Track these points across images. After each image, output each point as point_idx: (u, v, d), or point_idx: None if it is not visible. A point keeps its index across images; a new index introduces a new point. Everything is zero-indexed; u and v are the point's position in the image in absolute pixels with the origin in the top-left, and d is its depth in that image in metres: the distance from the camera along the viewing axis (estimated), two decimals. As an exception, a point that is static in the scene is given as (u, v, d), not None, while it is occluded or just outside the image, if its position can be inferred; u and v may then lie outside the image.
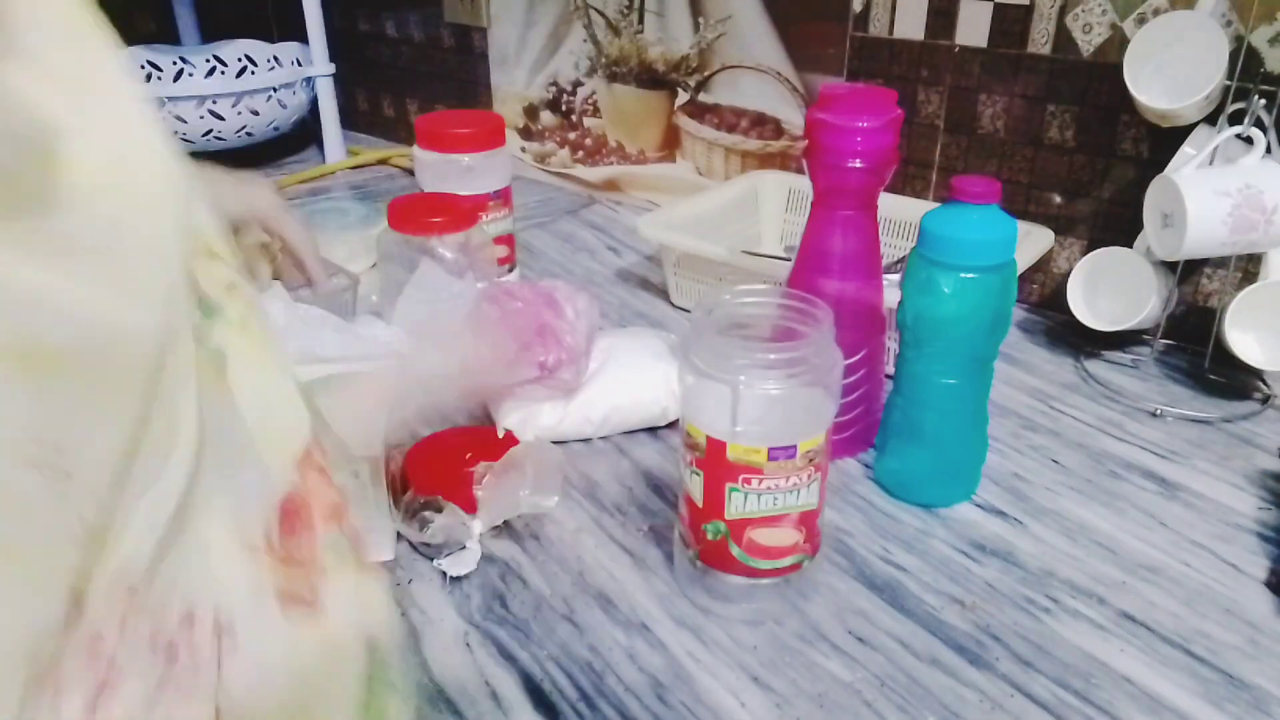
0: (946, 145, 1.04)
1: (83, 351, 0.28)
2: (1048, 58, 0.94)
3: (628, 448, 0.76)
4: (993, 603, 0.60)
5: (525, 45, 1.41)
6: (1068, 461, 0.74)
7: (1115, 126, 0.91)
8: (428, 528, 0.62)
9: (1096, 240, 0.95)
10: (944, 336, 0.64)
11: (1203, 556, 0.64)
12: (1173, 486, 0.71)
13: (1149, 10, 0.87)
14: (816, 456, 0.55)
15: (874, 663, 0.55)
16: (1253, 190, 0.75)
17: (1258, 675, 0.54)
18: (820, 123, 0.67)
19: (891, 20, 1.04)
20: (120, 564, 0.29)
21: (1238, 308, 0.79)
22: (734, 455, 0.54)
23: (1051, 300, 1.00)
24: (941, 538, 0.66)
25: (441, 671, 0.54)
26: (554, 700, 0.53)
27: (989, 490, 0.71)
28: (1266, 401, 0.83)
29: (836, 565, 0.63)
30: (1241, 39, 0.80)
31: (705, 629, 0.58)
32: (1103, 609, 0.59)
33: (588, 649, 0.56)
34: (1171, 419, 0.80)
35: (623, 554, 0.64)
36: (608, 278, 1.10)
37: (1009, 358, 0.90)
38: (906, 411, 0.68)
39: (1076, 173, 0.95)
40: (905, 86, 1.04)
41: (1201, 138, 0.84)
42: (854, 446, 0.75)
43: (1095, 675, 0.54)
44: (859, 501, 0.70)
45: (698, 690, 0.53)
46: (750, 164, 1.21)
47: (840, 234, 0.70)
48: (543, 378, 0.73)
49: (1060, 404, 0.83)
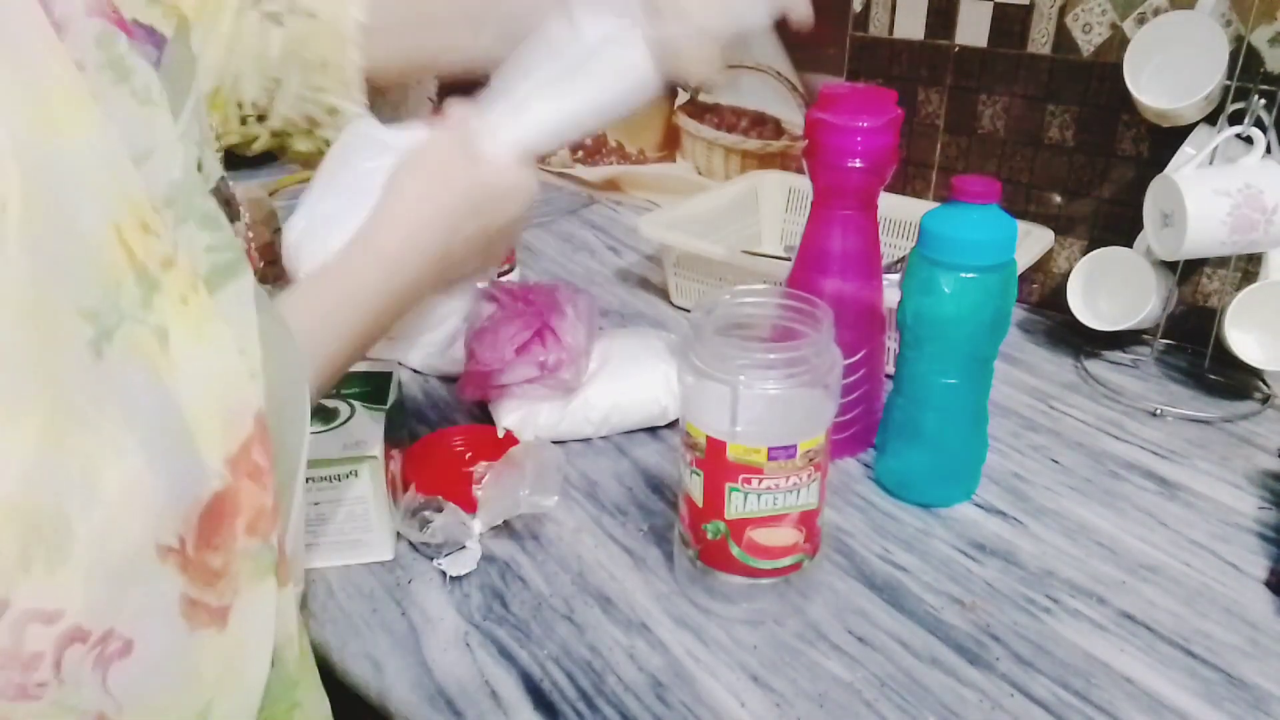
0: (946, 145, 1.04)
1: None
2: (1048, 58, 0.94)
3: (628, 448, 0.76)
4: (993, 602, 0.60)
5: (525, 45, 1.41)
6: (1068, 461, 0.74)
7: (1115, 126, 0.91)
8: (428, 527, 0.62)
9: (1096, 240, 0.95)
10: (944, 336, 0.64)
11: (1203, 556, 0.64)
12: (1173, 486, 0.71)
13: (1149, 10, 0.87)
14: (816, 456, 0.55)
15: (874, 662, 0.55)
16: (1253, 190, 0.75)
17: (1258, 675, 0.54)
18: (820, 123, 0.67)
19: (891, 20, 1.04)
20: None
21: (1238, 308, 0.79)
22: (734, 455, 0.54)
23: (1051, 300, 0.99)
24: (941, 537, 0.66)
25: (441, 671, 0.54)
26: (554, 700, 0.53)
27: (989, 490, 0.71)
28: (1266, 401, 0.82)
29: (836, 565, 0.63)
30: (1241, 39, 0.80)
31: (705, 629, 0.58)
32: (1103, 609, 0.59)
33: (587, 649, 0.56)
34: (1171, 419, 0.80)
35: (623, 554, 0.64)
36: (608, 277, 1.10)
37: (1009, 358, 0.90)
38: (907, 411, 0.68)
39: (1076, 173, 0.95)
40: (905, 86, 1.04)
41: (1201, 138, 0.84)
42: (854, 446, 0.75)
43: (1095, 675, 0.54)
44: (859, 501, 0.70)
45: (698, 690, 0.53)
46: (750, 164, 1.21)
47: (840, 234, 0.70)
48: (543, 377, 0.73)
49: (1060, 404, 0.83)
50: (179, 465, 0.33)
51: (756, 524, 0.56)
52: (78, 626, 0.30)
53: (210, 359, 0.35)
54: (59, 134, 0.31)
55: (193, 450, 0.34)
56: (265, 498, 0.36)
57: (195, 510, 0.33)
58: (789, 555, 0.57)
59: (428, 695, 0.53)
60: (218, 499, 0.34)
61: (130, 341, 0.32)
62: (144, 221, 0.34)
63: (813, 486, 0.56)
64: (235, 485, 0.34)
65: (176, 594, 0.33)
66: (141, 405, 0.32)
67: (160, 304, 0.34)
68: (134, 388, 0.32)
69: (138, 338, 0.33)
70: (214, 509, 0.34)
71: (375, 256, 0.51)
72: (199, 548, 0.33)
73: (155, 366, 0.33)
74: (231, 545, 0.34)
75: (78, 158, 0.32)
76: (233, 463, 0.35)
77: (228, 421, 0.35)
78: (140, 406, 0.32)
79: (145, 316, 0.33)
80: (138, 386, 0.32)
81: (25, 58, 0.31)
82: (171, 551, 0.33)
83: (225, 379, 0.35)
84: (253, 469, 0.35)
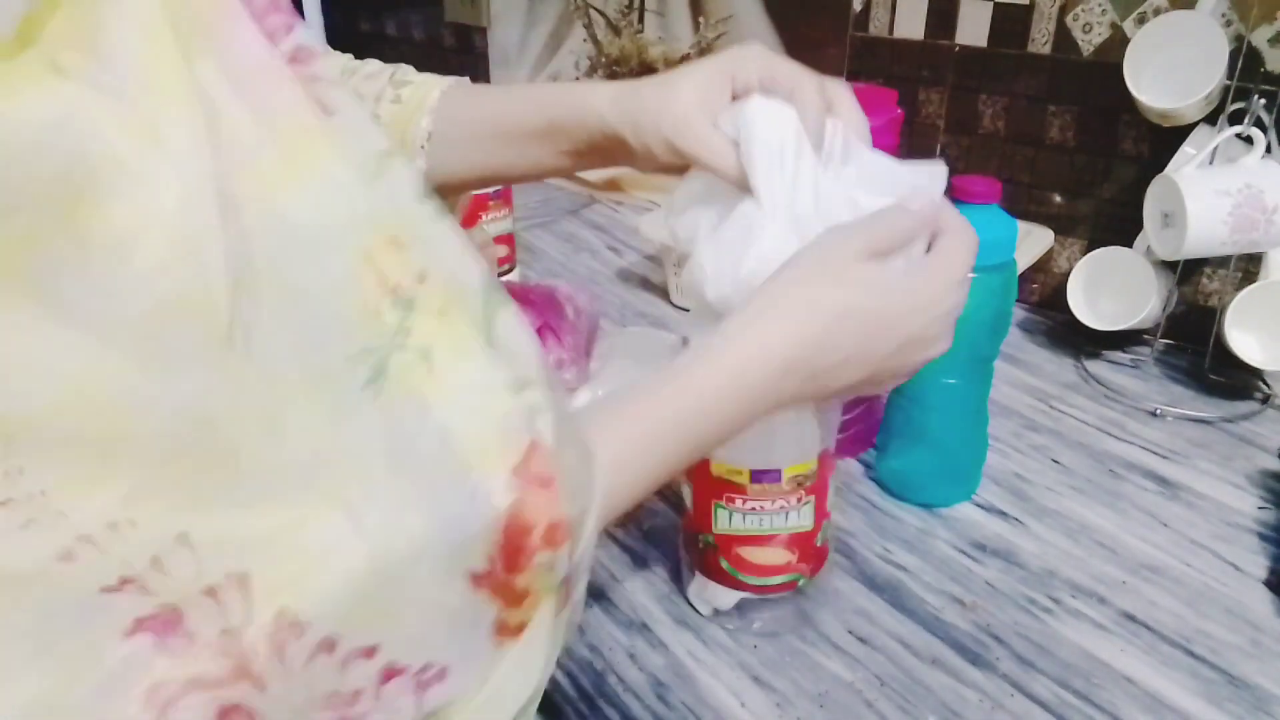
0: (946, 145, 1.04)
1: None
2: (1048, 58, 0.94)
3: (628, 448, 0.76)
4: (994, 602, 0.60)
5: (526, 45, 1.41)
6: (1068, 461, 0.74)
7: (1115, 126, 0.91)
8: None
9: (1097, 240, 0.95)
10: (945, 336, 0.64)
11: (1203, 556, 0.64)
12: (1173, 486, 0.71)
13: (1149, 10, 0.87)
14: (806, 481, 0.53)
15: (875, 662, 0.55)
16: (1253, 190, 0.75)
17: (1259, 675, 0.54)
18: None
19: (891, 20, 1.04)
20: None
21: (1238, 307, 0.79)
22: (716, 472, 0.53)
23: (1052, 300, 1.00)
24: (942, 537, 0.66)
25: (442, 671, 0.54)
26: (554, 700, 0.53)
27: (990, 490, 0.71)
28: (1266, 401, 0.82)
29: (837, 565, 0.63)
30: (1241, 39, 0.80)
31: (706, 629, 0.58)
32: (1104, 609, 0.59)
33: (588, 649, 0.56)
34: (1172, 419, 0.80)
35: (623, 554, 0.64)
36: (608, 277, 1.10)
37: (1009, 358, 0.90)
38: (907, 411, 0.68)
39: (1077, 173, 0.95)
40: (905, 86, 1.04)
41: (1202, 137, 0.84)
42: (855, 446, 0.75)
43: (1096, 675, 0.54)
44: (860, 501, 0.70)
45: (698, 690, 0.53)
46: (750, 164, 1.21)
47: (841, 234, 0.70)
48: (543, 378, 0.73)
49: (1061, 404, 0.83)
50: (463, 490, 0.32)
51: (743, 542, 0.55)
52: (393, 661, 0.30)
53: (476, 372, 0.33)
54: (294, 178, 0.30)
55: (474, 469, 0.32)
56: (557, 508, 0.34)
57: (496, 528, 0.32)
58: (780, 574, 0.56)
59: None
60: (512, 512, 0.32)
61: (403, 372, 0.31)
62: (392, 236, 0.32)
63: (804, 510, 0.54)
64: (524, 497, 0.33)
65: (491, 620, 0.33)
66: (414, 437, 0.31)
67: (418, 322, 0.32)
68: (408, 420, 0.31)
69: (408, 367, 0.31)
70: (512, 524, 0.32)
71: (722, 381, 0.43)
72: (507, 569, 0.33)
73: (423, 392, 0.31)
74: (531, 561, 0.33)
75: (315, 196, 0.30)
76: (519, 471, 0.33)
77: (505, 433, 0.33)
78: (413, 439, 0.31)
79: (406, 341, 0.31)
80: (410, 418, 0.31)
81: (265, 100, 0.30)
82: (485, 576, 0.32)
83: (495, 391, 0.33)
84: (542, 477, 0.33)
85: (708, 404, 0.43)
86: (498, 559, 0.32)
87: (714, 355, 0.43)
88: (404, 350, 0.31)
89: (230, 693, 0.27)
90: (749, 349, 0.43)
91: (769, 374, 0.43)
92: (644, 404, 0.43)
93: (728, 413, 0.43)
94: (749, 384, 0.43)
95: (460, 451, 0.32)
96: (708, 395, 0.43)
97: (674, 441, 0.43)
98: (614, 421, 0.42)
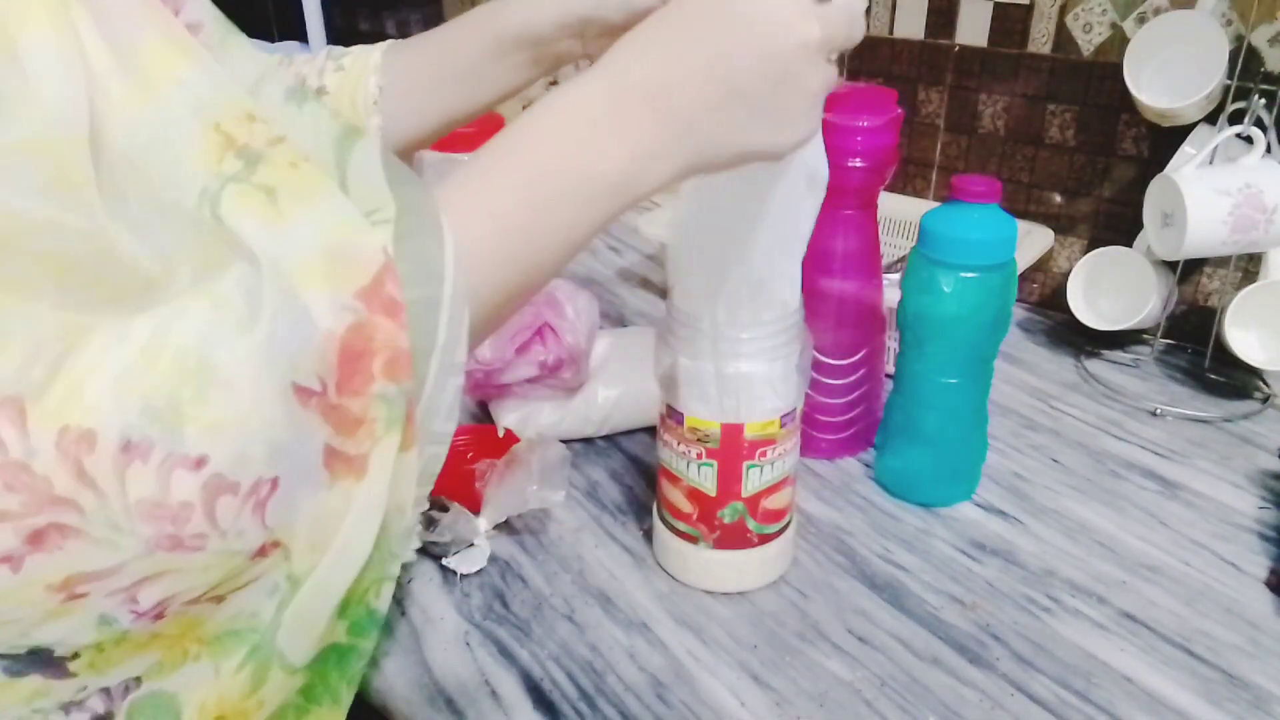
0: (946, 145, 1.04)
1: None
2: (1048, 57, 0.94)
3: (628, 447, 0.76)
4: (993, 602, 0.60)
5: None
6: (1068, 461, 0.74)
7: (1115, 126, 0.91)
8: (434, 526, 0.62)
9: (1097, 240, 0.95)
10: (944, 336, 0.64)
11: (1203, 556, 0.64)
12: (1173, 486, 0.71)
13: (1149, 10, 0.87)
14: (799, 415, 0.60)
15: (874, 662, 0.55)
16: (1253, 189, 0.75)
17: (1258, 674, 0.54)
18: (820, 122, 0.67)
19: (892, 20, 1.04)
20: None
21: (1238, 307, 0.79)
22: (751, 433, 0.56)
23: (1052, 300, 1.00)
24: (942, 537, 0.66)
25: (441, 671, 0.54)
26: (554, 699, 0.53)
27: (989, 489, 0.71)
28: (1266, 401, 0.83)
29: (837, 565, 0.63)
30: (1241, 38, 0.80)
31: (705, 628, 0.58)
32: (1103, 608, 0.59)
33: (588, 648, 0.56)
34: (1171, 418, 0.80)
35: (623, 553, 0.64)
36: (608, 277, 1.10)
37: (1009, 357, 0.90)
38: (907, 411, 0.68)
39: (1077, 172, 0.95)
40: (905, 86, 1.04)
41: (1202, 137, 0.84)
42: (854, 446, 0.75)
43: (1096, 674, 0.54)
44: (859, 501, 0.70)
45: (698, 689, 0.53)
46: (750, 163, 1.20)
47: (840, 233, 0.70)
48: (543, 377, 0.73)
49: (1060, 403, 0.83)
50: (300, 303, 0.32)
51: (768, 493, 0.59)
52: (219, 474, 0.30)
53: (326, 210, 0.34)
54: (168, 71, 0.34)
55: (317, 286, 0.33)
56: (401, 338, 0.34)
57: (331, 347, 0.32)
58: (786, 514, 0.61)
59: (428, 694, 0.53)
60: (352, 333, 0.33)
61: (238, 197, 0.33)
62: (248, 113, 0.35)
63: (797, 443, 0.60)
64: (370, 320, 0.33)
65: (320, 444, 0.33)
66: (256, 249, 0.33)
67: (267, 171, 0.34)
68: (246, 234, 0.33)
69: (244, 194, 0.34)
70: (350, 346, 0.33)
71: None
72: (340, 391, 0.33)
73: (264, 215, 0.33)
74: (369, 387, 0.33)
75: (179, 90, 0.34)
76: (365, 295, 0.33)
77: (353, 258, 0.33)
78: (250, 260, 0.33)
79: (250, 178, 0.34)
80: (249, 232, 0.33)
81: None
82: (313, 395, 0.32)
83: (346, 224, 0.34)
84: (388, 303, 0.33)
85: (544, 139, 0.40)
86: (329, 380, 0.32)
87: (538, 104, 0.41)
88: (242, 183, 0.34)
89: (36, 520, 0.28)
90: (570, 84, 0.41)
91: (593, 93, 0.40)
92: (480, 161, 0.40)
93: (566, 146, 0.40)
94: (574, 103, 0.40)
95: (291, 271, 0.33)
96: (537, 131, 0.40)
97: (523, 188, 0.39)
98: (456, 192, 0.39)
